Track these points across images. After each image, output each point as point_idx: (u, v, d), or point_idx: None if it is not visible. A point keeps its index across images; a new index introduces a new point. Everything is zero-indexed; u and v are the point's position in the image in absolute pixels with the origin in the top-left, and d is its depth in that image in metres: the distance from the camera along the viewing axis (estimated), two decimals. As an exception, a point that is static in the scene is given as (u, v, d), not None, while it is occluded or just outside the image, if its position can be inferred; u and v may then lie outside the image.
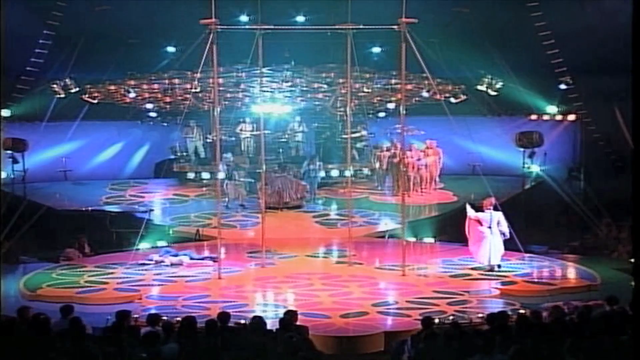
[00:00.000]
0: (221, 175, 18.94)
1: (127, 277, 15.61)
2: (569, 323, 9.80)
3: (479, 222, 16.00)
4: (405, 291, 14.61)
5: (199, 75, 17.38)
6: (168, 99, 22.10)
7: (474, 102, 21.22)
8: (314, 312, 13.00)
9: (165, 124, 23.65)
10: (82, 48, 19.93)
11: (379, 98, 22.37)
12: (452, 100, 21.17)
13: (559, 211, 20.14)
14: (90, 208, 20.18)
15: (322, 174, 21.73)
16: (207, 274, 15.87)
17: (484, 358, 8.37)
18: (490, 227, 15.85)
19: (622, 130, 20.26)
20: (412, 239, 18.10)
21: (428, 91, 20.84)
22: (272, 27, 16.07)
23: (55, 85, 20.64)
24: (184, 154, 23.29)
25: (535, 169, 22.15)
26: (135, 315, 11.76)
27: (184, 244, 18.20)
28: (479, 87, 21.59)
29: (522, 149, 22.14)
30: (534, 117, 23.28)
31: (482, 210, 16.11)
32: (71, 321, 9.76)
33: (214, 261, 16.28)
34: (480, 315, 12.40)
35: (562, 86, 21.32)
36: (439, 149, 22.17)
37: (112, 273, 15.92)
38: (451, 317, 12.29)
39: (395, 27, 15.50)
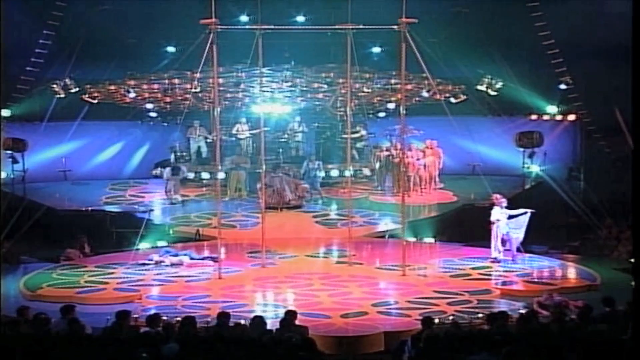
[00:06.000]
0: (221, 175, 18.91)
1: (127, 277, 15.61)
2: (569, 323, 9.80)
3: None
4: (405, 291, 14.60)
5: (199, 75, 17.37)
6: (168, 99, 22.10)
7: (474, 102, 21.19)
8: (314, 312, 13.00)
9: (165, 124, 23.61)
10: (82, 48, 19.96)
11: (379, 98, 22.35)
12: (452, 100, 21.16)
13: (558, 211, 20.12)
14: (90, 208, 20.16)
15: (322, 174, 21.69)
16: (207, 274, 15.86)
17: (484, 358, 8.37)
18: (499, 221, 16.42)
19: (622, 130, 20.21)
20: (412, 239, 18.08)
21: (428, 91, 20.82)
22: (272, 27, 16.05)
23: (55, 85, 20.63)
24: (184, 154, 23.26)
25: (535, 169, 22.11)
26: (135, 315, 11.79)
27: (184, 244, 18.20)
28: (479, 87, 21.58)
29: (522, 149, 22.12)
30: (534, 117, 23.23)
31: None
32: (70, 322, 9.77)
33: (214, 261, 16.27)
34: (480, 315, 12.41)
35: (562, 86, 21.30)
36: (439, 149, 22.11)
37: (112, 273, 15.91)
38: (451, 317, 12.29)
39: (395, 27, 15.49)
